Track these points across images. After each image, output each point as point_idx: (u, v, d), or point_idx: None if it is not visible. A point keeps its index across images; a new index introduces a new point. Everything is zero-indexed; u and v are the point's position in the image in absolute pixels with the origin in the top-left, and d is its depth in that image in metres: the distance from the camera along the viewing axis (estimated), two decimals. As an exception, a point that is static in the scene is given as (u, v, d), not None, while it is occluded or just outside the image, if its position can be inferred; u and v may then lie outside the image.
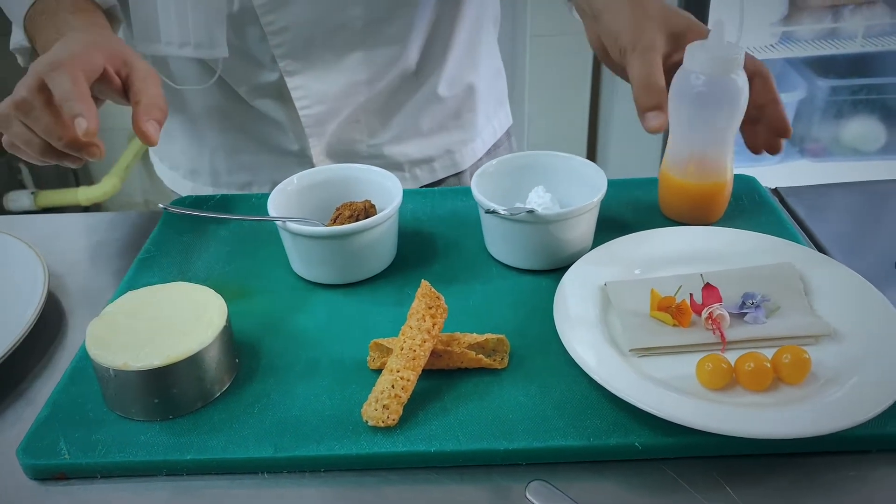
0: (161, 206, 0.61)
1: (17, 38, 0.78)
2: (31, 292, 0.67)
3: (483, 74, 0.98)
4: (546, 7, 2.07)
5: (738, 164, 0.75)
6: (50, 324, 0.69)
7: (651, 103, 0.66)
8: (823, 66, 2.02)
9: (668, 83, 0.67)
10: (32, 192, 2.45)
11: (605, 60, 0.74)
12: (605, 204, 0.78)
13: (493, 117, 1.03)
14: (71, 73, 0.59)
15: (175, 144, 0.96)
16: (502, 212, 0.61)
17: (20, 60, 0.80)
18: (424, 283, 0.57)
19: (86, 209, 2.46)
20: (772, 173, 2.04)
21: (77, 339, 0.67)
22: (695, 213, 0.73)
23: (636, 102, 0.68)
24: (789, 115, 2.02)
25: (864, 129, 2.02)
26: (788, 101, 1.99)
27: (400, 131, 0.93)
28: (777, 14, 1.84)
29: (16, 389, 0.62)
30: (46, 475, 0.53)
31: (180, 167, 0.98)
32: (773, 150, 0.73)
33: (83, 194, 2.44)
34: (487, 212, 0.60)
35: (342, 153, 0.91)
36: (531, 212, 0.64)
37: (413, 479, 0.52)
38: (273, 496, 0.51)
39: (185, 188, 0.99)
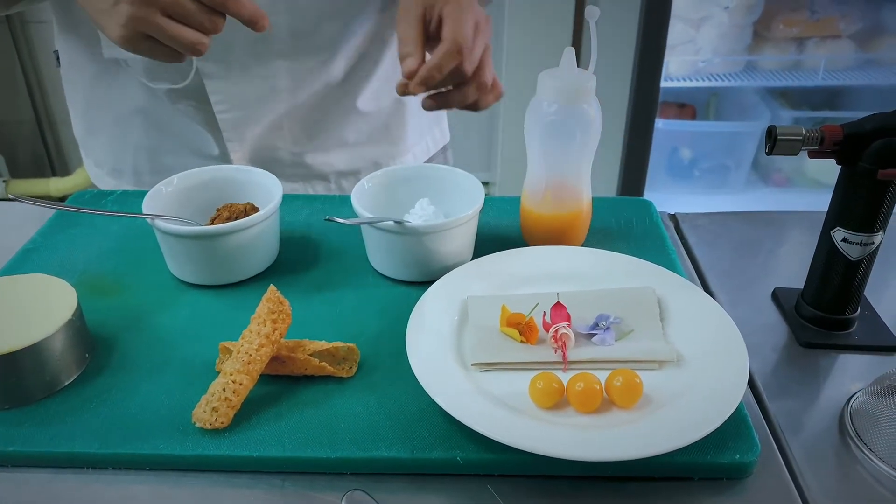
0: (11, 196, 0.62)
1: None
2: None
3: None
4: (522, 25, 2.09)
5: (698, 189, 0.76)
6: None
7: (404, 50, 0.68)
8: (788, 97, 2.04)
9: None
10: (4, 181, 2.46)
11: None
12: (501, 220, 0.78)
13: (426, 133, 1.03)
14: None
15: (100, 142, 0.96)
16: (340, 220, 0.61)
17: None
18: (272, 287, 0.58)
19: (61, 200, 2.47)
20: (733, 201, 2.05)
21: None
22: (554, 243, 0.72)
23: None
24: (753, 143, 2.04)
25: (826, 161, 2.02)
26: (752, 130, 2.00)
27: (324, 141, 0.93)
28: (741, 43, 1.86)
29: None
30: None
31: (104, 165, 0.98)
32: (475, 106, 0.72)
33: (54, 185, 2.45)
34: (326, 219, 0.60)
35: (264, 160, 0.91)
36: (399, 223, 0.64)
37: (234, 483, 0.52)
38: (94, 491, 0.51)
39: (109, 186, 0.99)
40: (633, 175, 1.81)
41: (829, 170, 2.15)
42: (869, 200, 0.59)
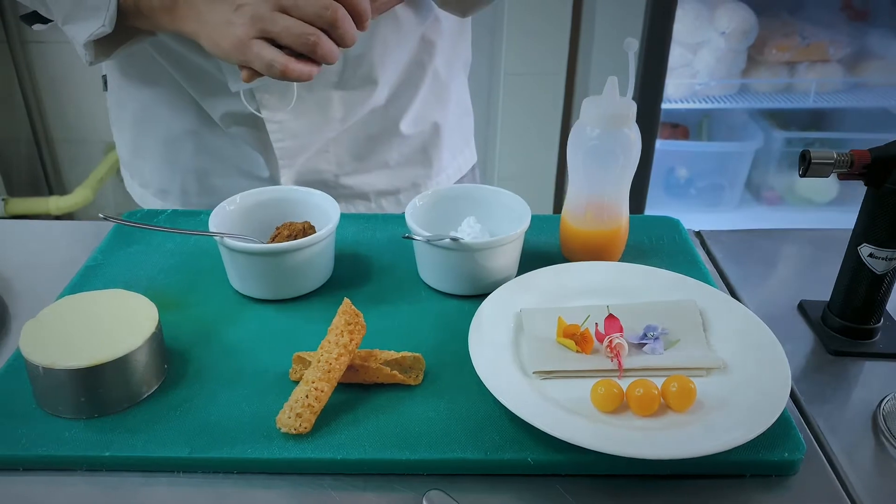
0: (102, 216, 0.65)
1: (94, 24, 0.69)
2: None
3: (450, 114, 1.01)
4: (520, 47, 2.15)
5: (695, 208, 0.80)
6: (-7, 324, 0.72)
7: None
8: (781, 118, 2.11)
9: None
10: (3, 199, 2.46)
11: None
12: (538, 237, 0.83)
13: (458, 154, 1.07)
14: None
15: (147, 163, 0.97)
16: (417, 238, 0.65)
17: (86, 57, 0.73)
18: (346, 300, 0.61)
19: (57, 219, 2.47)
20: (727, 219, 2.12)
21: (18, 340, 0.69)
22: (592, 258, 0.76)
23: None
24: (747, 163, 2.11)
25: (817, 181, 2.10)
26: (746, 150, 2.07)
27: (367, 163, 0.96)
28: (736, 67, 1.93)
29: (-48, 384, 0.64)
30: (-30, 465, 0.55)
31: (150, 185, 0.99)
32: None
33: (54, 204, 2.45)
34: (405, 237, 0.64)
35: (310, 182, 0.93)
36: (455, 239, 0.68)
37: (319, 485, 0.55)
38: (185, 494, 0.54)
39: (155, 206, 1.01)
40: (634, 194, 1.86)
41: (819, 189, 2.21)
42: (894, 218, 0.64)
